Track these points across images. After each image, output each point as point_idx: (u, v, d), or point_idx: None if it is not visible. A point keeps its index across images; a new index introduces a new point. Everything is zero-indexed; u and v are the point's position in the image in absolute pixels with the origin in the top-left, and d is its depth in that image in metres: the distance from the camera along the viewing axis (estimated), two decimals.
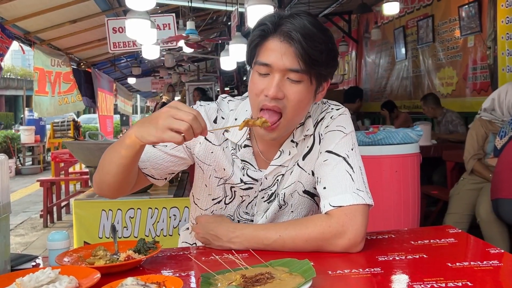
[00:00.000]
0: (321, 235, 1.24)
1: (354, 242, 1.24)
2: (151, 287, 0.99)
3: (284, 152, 1.37)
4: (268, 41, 1.22)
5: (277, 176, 1.39)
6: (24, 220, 6.76)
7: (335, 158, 1.33)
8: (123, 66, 11.73)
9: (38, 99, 7.09)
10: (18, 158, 13.03)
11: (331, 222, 1.25)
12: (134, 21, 4.27)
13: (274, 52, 1.21)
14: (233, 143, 1.38)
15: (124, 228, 2.79)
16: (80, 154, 2.82)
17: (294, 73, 1.21)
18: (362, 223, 1.25)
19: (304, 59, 1.19)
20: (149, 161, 1.36)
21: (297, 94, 1.23)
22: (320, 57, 1.20)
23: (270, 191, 1.41)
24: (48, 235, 1.32)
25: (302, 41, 1.17)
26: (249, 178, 1.38)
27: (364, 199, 1.28)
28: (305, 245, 1.25)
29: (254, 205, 1.43)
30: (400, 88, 7.54)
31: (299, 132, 1.37)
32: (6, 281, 1.03)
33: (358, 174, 1.31)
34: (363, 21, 8.86)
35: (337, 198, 1.27)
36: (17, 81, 25.23)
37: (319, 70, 1.23)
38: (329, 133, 1.36)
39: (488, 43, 5.10)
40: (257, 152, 1.39)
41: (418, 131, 3.13)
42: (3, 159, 1.20)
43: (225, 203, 1.44)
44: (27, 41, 6.43)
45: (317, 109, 1.40)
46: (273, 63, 1.21)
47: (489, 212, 3.29)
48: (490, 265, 1.11)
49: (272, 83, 1.21)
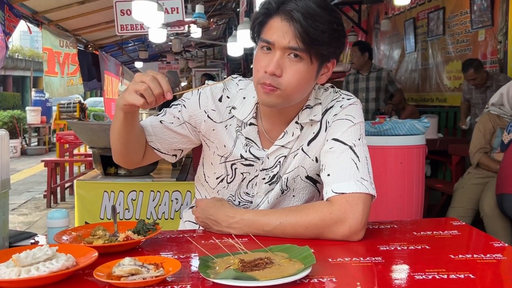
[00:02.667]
0: (321, 222, 1.24)
1: (355, 230, 1.23)
2: (148, 268, 0.98)
3: (288, 133, 1.37)
4: (271, 20, 1.25)
5: (279, 158, 1.39)
6: (28, 200, 6.80)
7: (341, 146, 1.32)
8: (130, 49, 11.71)
9: (48, 80, 7.11)
10: (24, 138, 13.09)
11: (332, 209, 1.24)
12: (140, 2, 4.25)
13: (276, 30, 1.23)
14: (239, 120, 1.39)
15: (126, 210, 2.79)
16: (83, 135, 2.82)
17: (293, 51, 1.22)
18: (364, 211, 1.24)
19: (303, 38, 1.20)
20: (155, 135, 1.42)
21: (295, 72, 1.24)
22: (321, 36, 1.20)
23: (271, 173, 1.40)
24: (48, 213, 1.32)
25: (302, 20, 1.19)
26: (251, 155, 1.39)
27: (368, 188, 1.27)
28: (306, 232, 1.25)
29: (254, 184, 1.42)
30: (408, 81, 7.49)
31: (305, 114, 1.37)
32: (3, 257, 1.03)
33: (363, 163, 1.30)
34: (374, 12, 8.77)
35: (340, 185, 1.27)
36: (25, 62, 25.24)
37: (319, 49, 1.23)
38: (337, 121, 1.35)
39: (499, 37, 5.04)
40: (261, 131, 1.40)
41: (425, 122, 3.11)
42: (3, 135, 1.19)
43: (227, 182, 1.45)
44: (34, 21, 6.41)
45: (328, 97, 1.40)
46: (275, 41, 1.23)
47: (493, 207, 3.27)
48: (493, 258, 1.10)
49: (273, 60, 1.23)
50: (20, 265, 0.96)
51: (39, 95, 13.66)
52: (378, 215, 3.04)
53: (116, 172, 2.90)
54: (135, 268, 0.96)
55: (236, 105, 1.40)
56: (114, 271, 0.96)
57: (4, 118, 13.29)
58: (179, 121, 1.41)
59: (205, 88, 1.41)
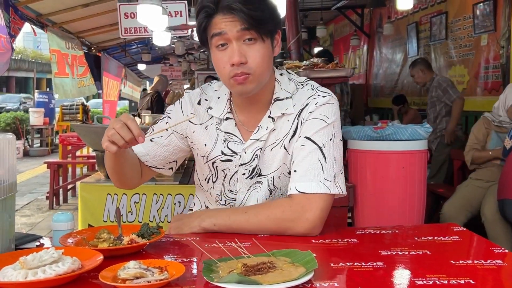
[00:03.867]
0: (281, 214, 1.34)
1: (313, 225, 1.34)
2: (153, 271, 0.99)
3: (262, 127, 1.44)
4: (215, 18, 1.31)
5: (256, 151, 1.44)
6: (30, 201, 6.82)
7: (311, 145, 1.39)
8: (133, 52, 11.72)
9: (59, 81, 6.99)
10: (27, 139, 13.13)
11: (292, 203, 1.35)
12: (146, 6, 4.26)
13: (223, 23, 1.30)
14: (217, 118, 1.47)
15: (129, 213, 2.80)
16: (87, 137, 2.84)
17: (247, 33, 1.30)
18: (322, 208, 1.34)
19: (250, 22, 1.28)
20: (149, 154, 1.52)
21: (257, 52, 1.32)
22: (263, 15, 1.30)
23: (250, 167, 1.46)
24: (53, 216, 1.33)
25: (243, 8, 1.27)
26: (229, 150, 1.46)
27: (330, 188, 1.36)
28: (268, 223, 1.35)
29: (236, 180, 1.48)
30: (410, 85, 7.48)
31: (275, 107, 1.43)
32: (10, 259, 1.04)
33: (330, 164, 1.38)
34: (376, 16, 8.79)
35: (304, 184, 1.36)
36: (28, 63, 25.32)
37: (266, 27, 1.32)
38: (311, 120, 1.41)
39: (502, 42, 5.05)
40: (239, 123, 1.47)
41: (427, 127, 3.11)
42: (10, 139, 1.20)
43: (212, 182, 1.53)
44: (39, 23, 6.44)
45: (304, 94, 1.45)
46: (226, 29, 1.29)
47: (494, 212, 3.28)
48: (493, 264, 1.11)
49: (234, 51, 1.30)
50: (27, 267, 0.98)
51: (42, 96, 13.70)
52: (379, 220, 3.05)
53: None
54: (140, 271, 0.97)
55: (212, 105, 1.49)
56: (119, 274, 0.97)
57: (7, 119, 13.33)
58: (167, 133, 1.51)
59: (184, 97, 1.55)
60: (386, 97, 8.31)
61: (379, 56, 8.76)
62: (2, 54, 4.72)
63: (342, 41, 10.64)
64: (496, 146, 3.63)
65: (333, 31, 11.13)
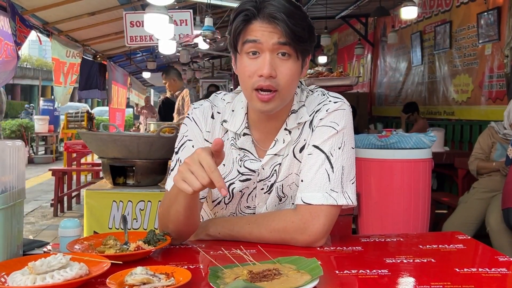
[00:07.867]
0: (283, 228, 1.32)
1: (315, 239, 1.31)
2: (160, 277, 1.00)
3: (279, 141, 1.38)
4: (253, 25, 1.25)
5: (275, 166, 1.39)
6: (35, 208, 6.84)
7: (319, 154, 1.35)
8: (138, 60, 11.79)
9: (56, 89, 7.44)
10: (31, 147, 13.17)
11: (295, 218, 1.32)
12: (152, 15, 4.30)
13: (261, 31, 1.23)
14: (232, 132, 1.40)
15: (134, 220, 2.81)
16: (93, 145, 2.85)
17: (283, 47, 1.24)
18: (325, 222, 1.31)
19: (291, 36, 1.22)
20: None
21: (288, 70, 1.26)
22: (303, 33, 1.25)
23: (269, 182, 1.41)
24: (60, 222, 1.35)
25: (286, 20, 1.21)
26: (246, 169, 1.39)
27: (336, 200, 1.32)
28: (270, 236, 1.33)
29: (254, 196, 1.43)
30: (415, 94, 7.50)
31: (292, 119, 1.38)
32: (18, 265, 1.05)
33: (338, 174, 1.34)
34: (380, 25, 8.82)
35: (309, 195, 1.33)
36: (33, 71, 25.43)
37: (304, 46, 1.27)
38: (320, 128, 1.36)
39: (506, 51, 5.06)
40: (254, 141, 1.40)
41: (431, 136, 3.12)
42: (20, 145, 1.22)
43: (225, 203, 1.45)
44: (45, 32, 6.50)
45: (315, 100, 1.41)
46: (262, 38, 1.23)
47: (499, 221, 3.27)
48: (498, 273, 1.11)
49: (265, 62, 1.23)
50: (36, 272, 0.99)
51: (47, 104, 13.77)
52: (384, 228, 3.05)
53: (124, 182, 2.93)
54: (146, 277, 0.98)
55: (226, 118, 1.40)
56: (127, 280, 0.98)
57: (12, 126, 13.40)
58: None
59: (194, 112, 1.42)
60: (390, 105, 8.32)
61: (383, 64, 8.78)
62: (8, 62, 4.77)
63: (346, 50, 10.67)
64: (501, 157, 3.63)
65: (337, 39, 11.16)
